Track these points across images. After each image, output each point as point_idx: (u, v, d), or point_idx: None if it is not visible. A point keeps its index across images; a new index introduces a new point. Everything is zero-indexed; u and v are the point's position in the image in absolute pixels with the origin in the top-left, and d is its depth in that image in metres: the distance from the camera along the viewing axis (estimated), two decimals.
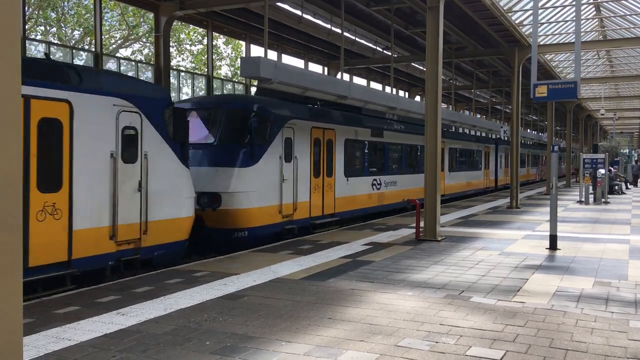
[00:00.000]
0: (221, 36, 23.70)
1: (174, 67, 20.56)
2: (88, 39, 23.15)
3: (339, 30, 18.40)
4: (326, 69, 25.96)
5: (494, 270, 9.27)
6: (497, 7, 17.75)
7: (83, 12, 24.26)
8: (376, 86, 30.14)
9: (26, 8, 16.27)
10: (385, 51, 24.66)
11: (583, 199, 23.71)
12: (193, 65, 27.25)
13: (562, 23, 22.94)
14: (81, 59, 17.11)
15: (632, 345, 5.51)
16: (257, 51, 22.11)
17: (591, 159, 24.90)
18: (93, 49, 16.71)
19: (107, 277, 8.79)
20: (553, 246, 11.43)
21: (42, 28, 24.33)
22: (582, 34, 23.16)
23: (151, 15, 18.17)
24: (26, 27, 15.75)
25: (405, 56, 24.95)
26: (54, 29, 24.53)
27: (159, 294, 7.51)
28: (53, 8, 23.95)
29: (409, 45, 23.81)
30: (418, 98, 33.66)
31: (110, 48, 24.57)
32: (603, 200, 23.65)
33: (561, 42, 24.29)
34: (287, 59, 23.47)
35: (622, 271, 9.24)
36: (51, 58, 10.35)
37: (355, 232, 13.99)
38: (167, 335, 5.80)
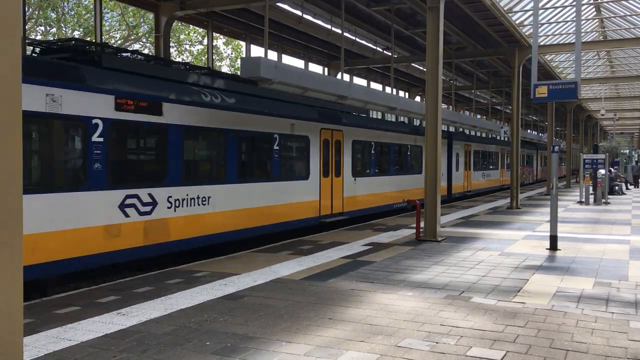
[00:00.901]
0: (221, 36, 23.69)
1: None
2: (88, 40, 23.14)
3: (339, 30, 18.40)
4: (326, 70, 25.95)
5: (495, 270, 9.27)
6: (498, 8, 17.75)
7: (83, 13, 24.27)
8: (376, 86, 30.14)
9: (26, 8, 16.27)
10: (385, 51, 24.65)
11: (583, 200, 23.72)
12: None
13: (563, 23, 22.94)
14: None
15: (633, 345, 5.50)
16: (257, 51, 22.10)
17: (591, 160, 24.90)
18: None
19: None
20: (553, 247, 11.43)
21: (42, 28, 24.35)
22: (583, 35, 23.16)
23: (151, 15, 18.17)
24: (26, 27, 15.74)
25: (405, 56, 24.95)
26: (54, 29, 24.54)
27: (160, 294, 7.51)
28: (53, 8, 23.96)
29: (409, 45, 23.82)
30: (418, 98, 33.66)
31: None
32: (603, 200, 23.65)
33: (561, 43, 24.28)
34: (287, 59, 23.46)
35: (623, 272, 9.23)
36: None
37: (355, 233, 13.99)
38: (168, 335, 5.80)
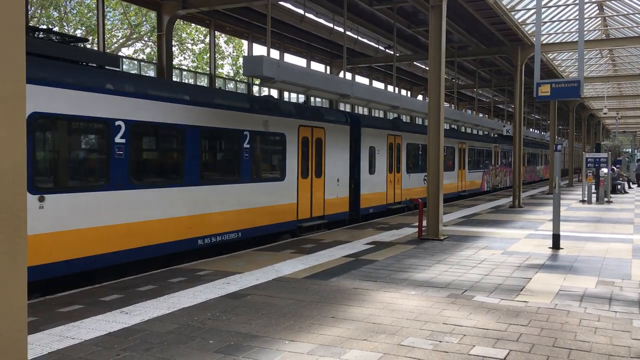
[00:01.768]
0: (223, 35, 23.69)
1: (176, 66, 20.57)
2: (90, 38, 23.15)
3: (342, 29, 18.39)
4: (328, 68, 25.95)
5: (497, 269, 9.26)
6: (500, 6, 17.72)
7: (85, 11, 24.28)
8: (378, 85, 30.13)
9: (28, 7, 16.29)
10: (387, 50, 24.63)
11: (586, 198, 23.68)
12: (195, 64, 27.25)
13: (565, 22, 22.88)
14: None
15: (636, 344, 5.50)
16: (260, 50, 22.12)
17: (594, 159, 24.86)
18: (95, 48, 16.71)
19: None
20: (556, 245, 11.42)
21: (45, 27, 24.33)
22: (585, 33, 23.07)
23: (153, 14, 18.17)
24: (29, 26, 15.73)
25: (407, 55, 24.92)
26: (56, 28, 24.55)
27: (163, 293, 7.52)
28: (55, 7, 23.97)
29: (412, 44, 23.79)
30: (420, 97, 33.62)
31: (112, 47, 24.59)
32: (606, 199, 23.61)
33: (564, 41, 24.24)
34: (290, 58, 23.46)
35: (626, 270, 9.22)
36: None
37: (357, 231, 13.99)
38: (171, 333, 5.80)
